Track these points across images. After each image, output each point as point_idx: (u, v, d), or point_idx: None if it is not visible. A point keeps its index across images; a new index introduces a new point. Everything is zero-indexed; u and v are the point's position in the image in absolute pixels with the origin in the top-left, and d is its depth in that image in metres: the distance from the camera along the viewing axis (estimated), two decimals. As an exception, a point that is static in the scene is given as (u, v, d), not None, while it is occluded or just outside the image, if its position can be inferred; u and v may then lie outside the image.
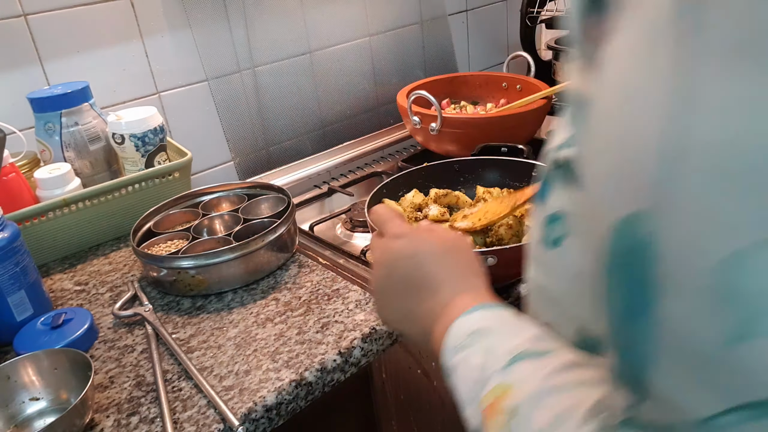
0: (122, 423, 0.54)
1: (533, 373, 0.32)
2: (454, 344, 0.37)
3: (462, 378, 0.36)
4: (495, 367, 0.33)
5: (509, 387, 0.32)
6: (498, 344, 0.35)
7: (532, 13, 1.37)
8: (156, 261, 0.71)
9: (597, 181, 0.24)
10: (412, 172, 0.91)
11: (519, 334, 0.36)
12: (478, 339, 0.36)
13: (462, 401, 0.36)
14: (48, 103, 0.83)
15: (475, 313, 0.38)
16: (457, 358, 0.36)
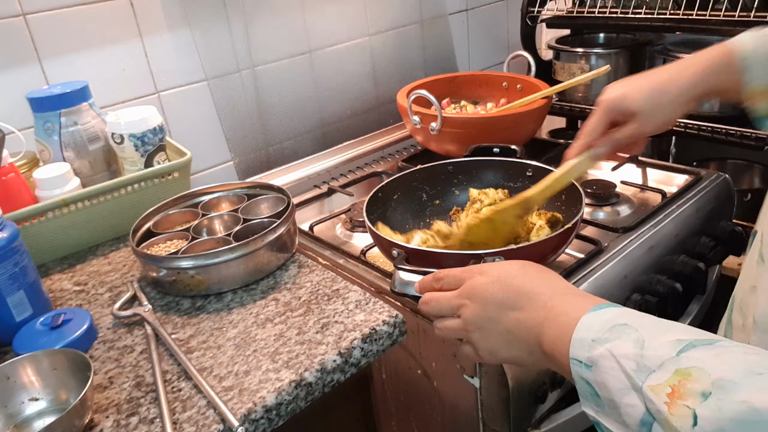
0: (122, 423, 0.53)
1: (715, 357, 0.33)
2: (592, 337, 0.38)
3: (609, 369, 0.36)
4: (663, 355, 0.34)
5: (689, 372, 0.33)
6: (651, 336, 0.36)
7: (532, 12, 1.37)
8: (155, 261, 0.71)
9: None
10: (406, 175, 0.90)
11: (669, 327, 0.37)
12: (624, 332, 0.37)
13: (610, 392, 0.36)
14: (47, 102, 0.83)
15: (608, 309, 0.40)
16: (599, 351, 0.37)
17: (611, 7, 1.27)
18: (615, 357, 0.36)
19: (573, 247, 0.84)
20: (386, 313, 0.64)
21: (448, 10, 1.42)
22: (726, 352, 0.33)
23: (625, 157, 1.09)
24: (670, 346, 0.35)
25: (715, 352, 0.33)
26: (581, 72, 1.32)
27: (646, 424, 0.34)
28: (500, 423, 0.70)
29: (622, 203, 0.97)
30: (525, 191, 0.72)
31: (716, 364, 0.32)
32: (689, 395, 0.32)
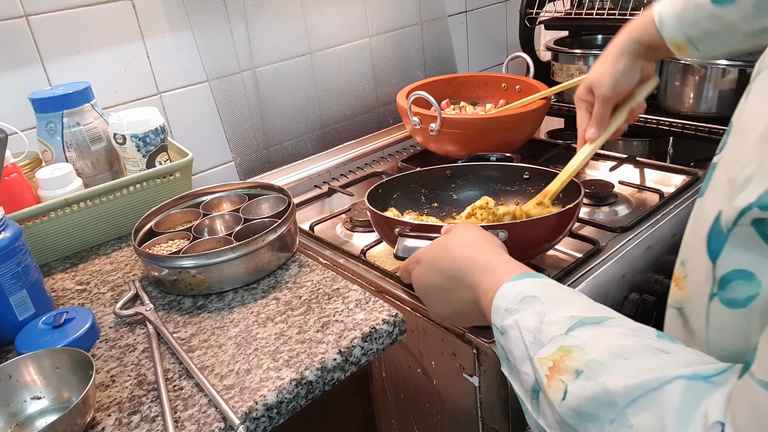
0: (123, 422, 0.54)
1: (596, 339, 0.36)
2: (505, 307, 0.42)
3: (515, 339, 0.40)
4: (554, 332, 0.38)
5: (570, 350, 0.36)
6: (552, 310, 0.39)
7: (531, 14, 1.38)
8: (157, 261, 0.71)
9: None
10: (405, 176, 0.91)
11: (570, 301, 0.40)
12: (531, 304, 0.41)
13: (514, 358, 0.40)
14: (49, 103, 0.84)
15: (523, 280, 0.44)
16: (509, 321, 0.41)
17: (609, 9, 1.28)
18: (519, 328, 0.40)
19: (571, 246, 0.85)
20: (386, 312, 0.65)
21: (447, 12, 1.42)
22: (607, 334, 0.36)
23: (624, 158, 1.10)
24: (563, 323, 0.38)
25: (598, 332, 0.36)
26: (579, 73, 1.32)
27: (536, 392, 0.38)
28: (499, 421, 0.70)
29: (620, 203, 0.98)
30: (548, 187, 0.79)
31: (595, 345, 0.35)
32: (565, 371, 0.35)
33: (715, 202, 0.36)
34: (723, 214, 0.34)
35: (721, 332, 0.36)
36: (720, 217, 0.34)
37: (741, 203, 0.31)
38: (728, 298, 0.34)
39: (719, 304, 0.35)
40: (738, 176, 0.33)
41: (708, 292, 0.36)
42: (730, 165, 0.35)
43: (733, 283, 0.34)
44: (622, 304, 0.81)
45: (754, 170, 0.31)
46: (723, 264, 0.34)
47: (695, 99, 1.20)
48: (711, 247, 0.35)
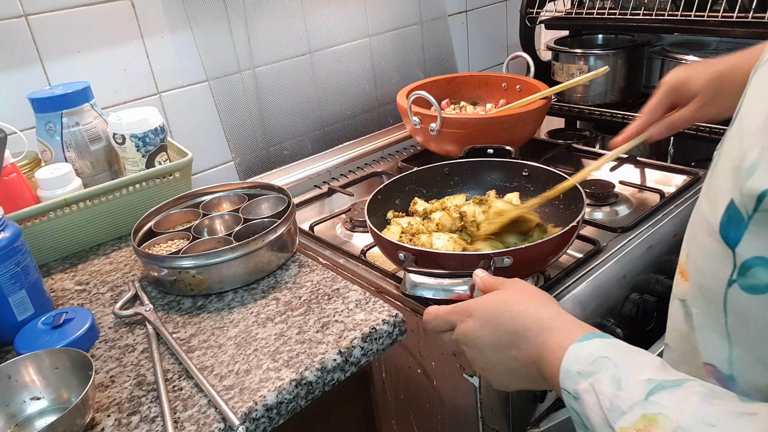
0: (123, 422, 0.54)
1: (679, 403, 0.35)
2: (577, 369, 0.41)
3: (591, 405, 0.38)
4: (634, 398, 0.36)
5: (655, 418, 0.35)
6: (627, 374, 0.38)
7: (531, 13, 1.38)
8: (157, 261, 0.71)
9: None
10: (403, 177, 0.91)
11: (645, 363, 0.39)
12: (604, 367, 0.39)
13: (593, 426, 0.38)
14: (49, 103, 0.84)
15: (592, 341, 0.42)
16: (583, 385, 0.39)
17: (610, 8, 1.28)
18: (596, 392, 0.38)
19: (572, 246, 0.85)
20: (386, 313, 0.65)
21: (447, 11, 1.42)
22: (690, 397, 0.35)
23: (624, 158, 1.10)
24: (641, 387, 0.36)
25: (680, 396, 0.35)
26: (580, 73, 1.32)
27: None
28: (500, 422, 0.70)
29: (620, 203, 0.98)
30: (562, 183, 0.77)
31: (679, 412, 0.34)
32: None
33: (722, 191, 0.36)
34: (738, 201, 0.34)
35: (742, 318, 0.36)
36: (734, 205, 0.34)
37: (757, 188, 0.32)
38: (749, 284, 0.34)
39: (739, 290, 0.35)
40: (741, 163, 0.33)
41: (726, 279, 0.36)
42: (732, 154, 0.36)
43: (753, 270, 0.34)
44: (622, 304, 0.81)
45: (757, 157, 0.32)
46: (743, 251, 0.34)
47: (696, 99, 1.20)
48: (729, 235, 0.35)
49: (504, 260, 0.66)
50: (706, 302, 0.39)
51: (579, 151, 1.17)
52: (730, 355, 0.38)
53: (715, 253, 0.37)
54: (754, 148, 0.33)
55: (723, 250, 0.36)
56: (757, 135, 0.33)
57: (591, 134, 1.49)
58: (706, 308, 0.39)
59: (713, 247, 0.37)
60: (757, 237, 0.33)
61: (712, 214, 0.37)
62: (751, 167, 0.32)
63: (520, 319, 0.47)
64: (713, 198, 0.37)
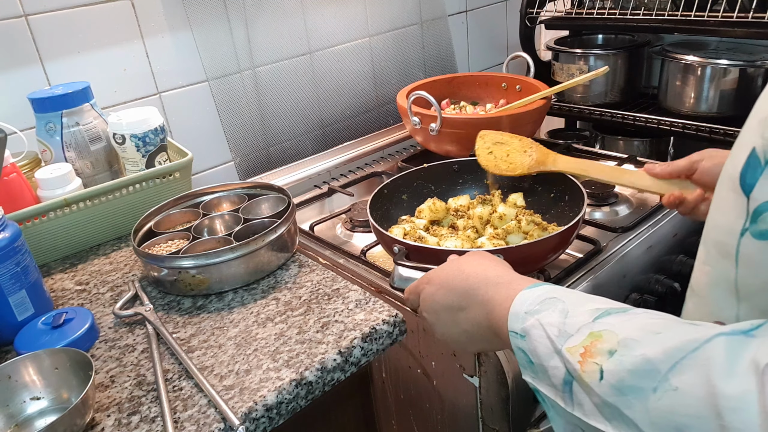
0: (123, 422, 0.54)
1: (624, 322, 0.36)
2: (525, 310, 0.42)
3: (538, 337, 0.40)
4: (581, 322, 0.38)
5: (600, 335, 0.36)
6: (575, 306, 0.40)
7: (531, 13, 1.38)
8: (157, 261, 0.71)
9: None
10: (412, 172, 0.91)
11: (592, 299, 0.41)
12: (552, 304, 0.41)
13: (539, 357, 0.40)
14: (49, 103, 0.84)
15: (541, 286, 0.44)
16: (530, 322, 0.41)
17: (610, 8, 1.28)
18: (543, 325, 0.40)
19: (572, 246, 0.85)
20: (386, 313, 0.65)
21: (447, 11, 1.42)
22: (634, 317, 0.37)
23: (624, 158, 1.10)
24: (588, 314, 0.39)
25: (625, 317, 0.37)
26: (580, 73, 1.32)
27: (568, 383, 0.38)
28: (500, 422, 0.70)
29: (620, 203, 0.98)
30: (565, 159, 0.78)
31: (624, 327, 0.36)
32: (598, 353, 0.36)
33: (744, 144, 0.36)
34: (759, 147, 0.34)
35: (752, 268, 0.36)
36: (755, 151, 0.34)
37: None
38: (760, 230, 0.34)
39: (750, 239, 0.35)
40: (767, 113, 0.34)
41: (739, 230, 0.36)
42: (759, 108, 0.36)
43: (765, 215, 0.34)
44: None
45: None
46: (757, 196, 0.34)
47: (696, 99, 1.20)
48: (746, 182, 0.35)
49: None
50: (719, 256, 0.39)
51: (579, 151, 1.17)
52: (738, 312, 0.38)
53: (731, 205, 0.37)
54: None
55: (739, 199, 0.36)
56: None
57: (591, 134, 1.49)
58: (719, 264, 0.39)
59: (730, 199, 0.37)
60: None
61: (733, 167, 0.37)
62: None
63: (470, 281, 0.50)
64: (736, 154, 0.37)
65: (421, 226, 0.83)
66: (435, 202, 0.85)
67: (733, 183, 0.37)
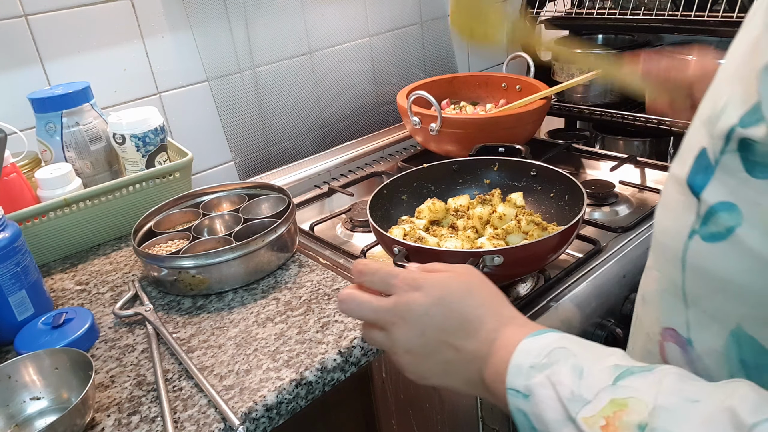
0: (123, 422, 0.54)
1: (651, 387, 0.31)
2: (530, 363, 0.36)
3: (546, 398, 0.34)
4: (599, 383, 0.32)
5: (626, 402, 0.31)
6: (590, 362, 0.34)
7: (531, 13, 1.38)
8: (157, 261, 0.71)
9: None
10: (411, 173, 0.91)
11: (608, 353, 0.35)
12: (562, 357, 0.35)
13: (547, 424, 0.33)
14: (49, 103, 0.84)
15: (546, 334, 0.37)
16: (537, 379, 0.35)
17: (610, 8, 1.28)
18: (552, 384, 0.34)
19: (572, 246, 0.84)
20: (386, 313, 0.64)
21: (447, 11, 1.42)
22: (665, 378, 0.31)
23: (624, 158, 1.10)
24: (607, 373, 0.33)
25: (653, 379, 0.32)
26: (580, 73, 1.32)
27: None
28: (500, 422, 0.70)
29: (620, 203, 0.98)
30: None
31: (653, 393, 0.31)
32: (624, 428, 0.30)
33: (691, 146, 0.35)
34: (708, 147, 0.33)
35: (699, 272, 0.35)
36: (705, 152, 0.33)
37: (724, 126, 0.31)
38: (710, 232, 0.33)
39: (699, 241, 0.34)
40: (712, 112, 0.33)
41: (686, 232, 0.35)
42: (703, 109, 0.36)
43: (717, 216, 0.33)
44: (622, 304, 0.81)
45: (726, 100, 0.32)
46: (708, 198, 0.33)
47: (696, 99, 1.20)
48: (696, 183, 0.34)
49: (494, 259, 0.65)
50: (666, 261, 0.38)
51: (579, 151, 1.16)
52: (687, 318, 0.37)
53: (681, 208, 0.36)
54: (722, 96, 0.33)
55: (687, 201, 0.35)
56: (726, 84, 0.33)
57: (591, 134, 1.49)
58: (666, 269, 0.38)
59: (679, 202, 0.36)
60: (722, 182, 0.32)
61: (680, 169, 0.36)
62: (720, 112, 0.32)
63: (481, 310, 0.41)
64: (683, 157, 0.36)
65: (420, 226, 0.82)
66: (435, 202, 0.85)
67: (681, 185, 0.36)
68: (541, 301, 0.73)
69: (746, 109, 0.30)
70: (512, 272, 0.74)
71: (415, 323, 0.41)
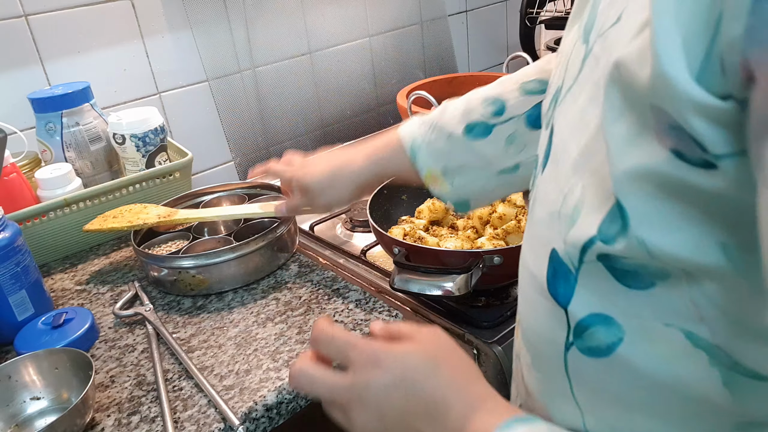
0: (123, 422, 0.54)
1: None
2: None
3: None
4: None
5: None
6: None
7: (531, 13, 1.38)
8: (157, 261, 0.71)
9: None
10: None
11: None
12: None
13: None
14: (49, 103, 0.84)
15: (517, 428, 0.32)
16: None
17: (610, 8, 1.28)
18: None
19: (572, 247, 0.85)
20: (386, 313, 0.65)
21: (447, 11, 1.42)
22: None
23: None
24: None
25: None
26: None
27: None
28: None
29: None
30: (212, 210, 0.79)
31: None
32: None
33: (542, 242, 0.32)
34: (561, 251, 0.30)
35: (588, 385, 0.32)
36: (558, 255, 0.30)
37: (580, 238, 0.28)
38: (588, 346, 0.30)
39: (578, 354, 0.31)
40: (562, 208, 0.30)
41: (562, 342, 0.32)
42: (548, 198, 0.32)
43: (590, 330, 0.30)
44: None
45: (578, 200, 0.29)
46: (576, 309, 0.30)
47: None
48: (558, 292, 0.31)
49: (494, 259, 0.65)
50: (546, 367, 0.35)
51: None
52: (585, 423, 0.33)
53: (546, 313, 0.32)
54: (574, 190, 0.29)
55: (554, 308, 0.32)
56: (574, 173, 0.30)
57: (591, 134, 1.49)
58: (548, 373, 0.35)
59: (543, 306, 0.33)
60: (589, 291, 0.29)
61: (536, 267, 0.33)
62: (573, 212, 0.29)
63: (448, 391, 0.35)
64: (536, 249, 0.33)
65: (420, 226, 0.82)
66: (435, 202, 0.85)
67: (540, 287, 0.33)
68: (541, 301, 0.73)
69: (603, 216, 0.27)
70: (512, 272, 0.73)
71: (374, 406, 0.36)
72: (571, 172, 0.30)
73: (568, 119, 0.32)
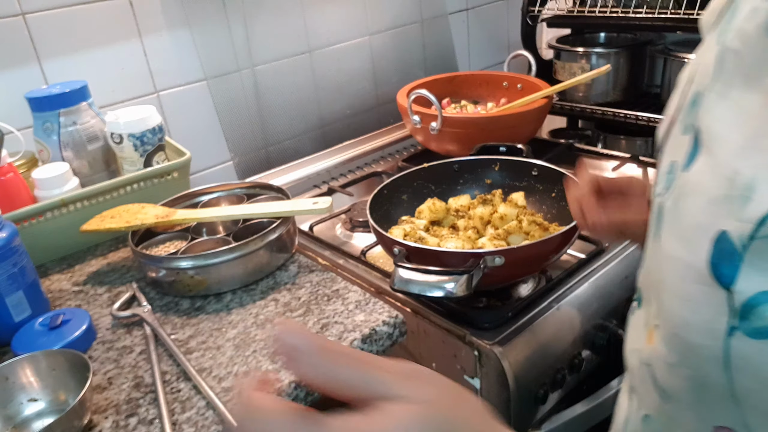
0: (121, 424, 0.53)
1: None
2: None
3: None
4: None
5: None
6: None
7: (532, 11, 1.37)
8: (155, 261, 0.70)
9: None
10: (412, 172, 0.90)
11: None
12: None
13: None
14: (46, 102, 0.83)
15: None
16: None
17: (612, 7, 1.27)
18: None
19: (574, 247, 0.84)
20: (386, 314, 0.64)
21: (448, 10, 1.42)
22: None
23: (627, 157, 1.09)
24: None
25: None
26: (582, 71, 1.31)
27: None
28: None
29: (622, 203, 0.97)
30: None
31: None
32: None
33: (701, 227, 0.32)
34: (732, 230, 0.30)
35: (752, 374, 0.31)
36: (726, 236, 0.30)
37: (757, 212, 0.28)
38: (754, 327, 0.30)
39: (744, 338, 0.30)
40: (730, 190, 0.30)
41: (723, 329, 0.31)
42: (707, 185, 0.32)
43: (759, 309, 0.29)
44: (624, 305, 0.80)
45: (750, 178, 0.29)
46: (742, 288, 0.30)
47: (698, 97, 1.19)
48: (722, 273, 0.30)
49: (495, 259, 0.65)
50: (700, 360, 0.34)
51: (581, 150, 1.16)
52: (745, 419, 0.33)
53: (705, 301, 0.32)
54: (743, 171, 0.30)
55: (714, 293, 0.31)
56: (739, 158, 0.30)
57: (593, 133, 1.48)
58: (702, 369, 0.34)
59: (701, 293, 0.32)
60: (757, 268, 0.29)
61: (693, 255, 0.32)
62: (745, 190, 0.29)
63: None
64: (691, 239, 0.33)
65: (421, 226, 0.82)
66: (435, 202, 0.85)
67: (699, 275, 0.32)
68: (543, 302, 0.72)
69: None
70: (513, 273, 0.73)
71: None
72: (735, 158, 0.31)
73: (720, 114, 0.33)
